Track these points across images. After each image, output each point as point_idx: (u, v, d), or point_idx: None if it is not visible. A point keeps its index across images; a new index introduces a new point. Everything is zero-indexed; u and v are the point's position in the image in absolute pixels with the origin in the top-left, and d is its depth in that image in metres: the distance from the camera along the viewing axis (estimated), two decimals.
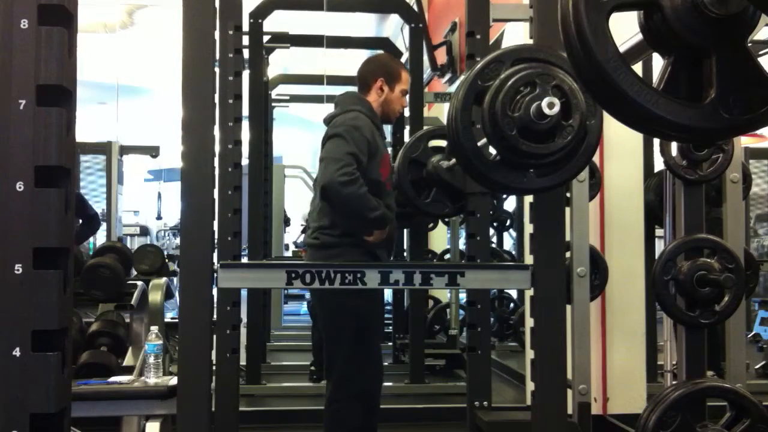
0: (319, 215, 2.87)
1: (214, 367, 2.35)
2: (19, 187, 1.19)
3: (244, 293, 4.07)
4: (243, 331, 3.40)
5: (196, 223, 2.02)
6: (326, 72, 5.88)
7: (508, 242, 6.60)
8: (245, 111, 3.64)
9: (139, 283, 3.92)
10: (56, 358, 1.20)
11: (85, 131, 8.62)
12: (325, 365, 2.95)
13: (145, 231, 11.07)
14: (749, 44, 1.08)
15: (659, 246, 3.76)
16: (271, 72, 5.79)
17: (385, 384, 4.51)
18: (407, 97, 3.20)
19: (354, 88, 3.08)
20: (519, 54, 1.81)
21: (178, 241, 6.87)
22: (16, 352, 1.17)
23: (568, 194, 2.86)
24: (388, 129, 4.61)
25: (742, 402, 2.06)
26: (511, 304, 6.10)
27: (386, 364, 5.15)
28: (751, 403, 2.05)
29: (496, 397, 3.13)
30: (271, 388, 4.66)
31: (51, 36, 1.21)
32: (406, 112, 4.28)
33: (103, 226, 8.60)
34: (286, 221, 8.54)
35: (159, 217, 11.39)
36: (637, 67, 2.98)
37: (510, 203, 6.22)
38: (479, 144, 1.85)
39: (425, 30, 5.04)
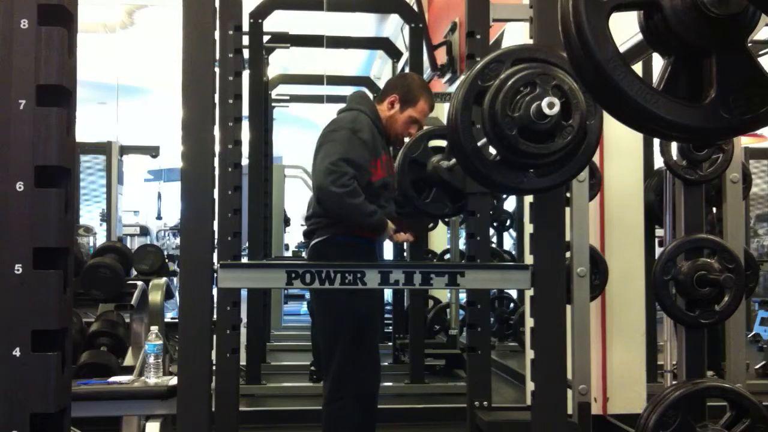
0: (308, 207, 3.01)
1: (214, 367, 2.35)
2: (19, 187, 1.19)
3: (244, 293, 4.07)
4: (243, 331, 3.39)
5: (196, 223, 2.01)
6: (326, 72, 5.88)
7: (508, 242, 6.60)
8: (245, 111, 3.64)
9: (139, 283, 3.92)
10: (56, 358, 1.19)
11: (85, 131, 8.61)
12: (323, 364, 2.95)
13: (145, 231, 11.06)
14: (749, 44, 1.08)
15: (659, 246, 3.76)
16: (271, 72, 5.79)
17: (385, 384, 4.54)
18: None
19: (355, 89, 3.10)
20: (519, 54, 1.81)
21: (178, 241, 6.87)
22: (16, 352, 1.17)
23: (568, 194, 2.86)
24: None
25: (742, 402, 2.06)
26: (511, 304, 6.10)
27: (386, 364, 5.16)
28: (751, 403, 2.05)
29: (496, 397, 3.13)
30: (271, 388, 4.66)
31: (51, 36, 1.21)
32: None
33: (103, 226, 8.61)
34: (286, 221, 8.54)
35: (159, 217, 11.38)
36: (637, 67, 2.99)
37: (510, 203, 6.22)
38: (479, 144, 1.85)
39: (425, 30, 5.04)
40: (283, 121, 8.20)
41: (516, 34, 4.12)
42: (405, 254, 5.26)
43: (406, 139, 3.24)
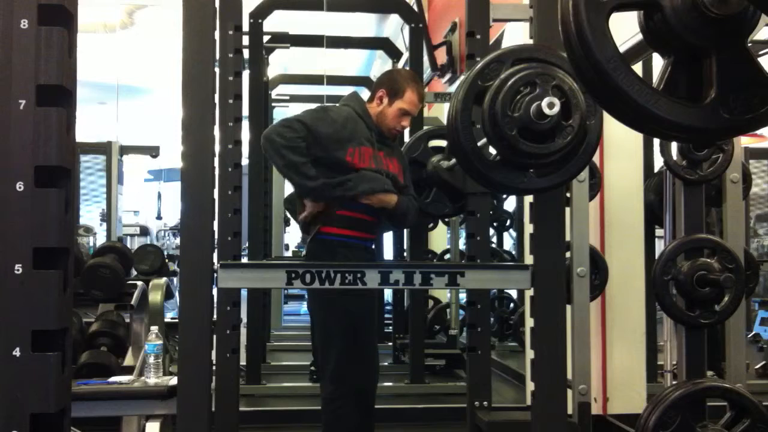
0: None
1: (214, 367, 2.35)
2: (19, 187, 1.19)
3: (244, 293, 4.06)
4: (243, 331, 3.39)
5: (196, 223, 2.01)
6: (326, 72, 5.88)
7: (508, 242, 6.60)
8: (245, 111, 3.64)
9: (139, 283, 3.92)
10: (56, 358, 1.19)
11: (85, 131, 8.62)
12: (320, 364, 2.95)
13: (145, 231, 11.07)
14: (749, 44, 1.08)
15: (659, 246, 3.76)
16: (271, 72, 5.79)
17: (385, 384, 4.53)
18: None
19: (355, 89, 3.10)
20: (519, 54, 1.81)
21: (178, 241, 6.87)
22: (16, 352, 1.17)
23: (568, 194, 2.86)
24: None
25: (742, 402, 2.06)
26: (511, 304, 6.10)
27: (386, 364, 5.16)
28: (751, 403, 2.05)
29: (496, 397, 3.13)
30: (271, 388, 4.66)
31: (51, 36, 1.21)
32: None
33: (103, 226, 8.61)
34: (286, 221, 8.53)
35: (159, 217, 11.39)
36: (637, 67, 2.99)
37: (510, 203, 6.22)
38: (479, 144, 1.85)
39: (425, 30, 5.03)
40: None
41: (516, 34, 4.12)
42: (405, 254, 5.26)
43: (407, 137, 3.23)
